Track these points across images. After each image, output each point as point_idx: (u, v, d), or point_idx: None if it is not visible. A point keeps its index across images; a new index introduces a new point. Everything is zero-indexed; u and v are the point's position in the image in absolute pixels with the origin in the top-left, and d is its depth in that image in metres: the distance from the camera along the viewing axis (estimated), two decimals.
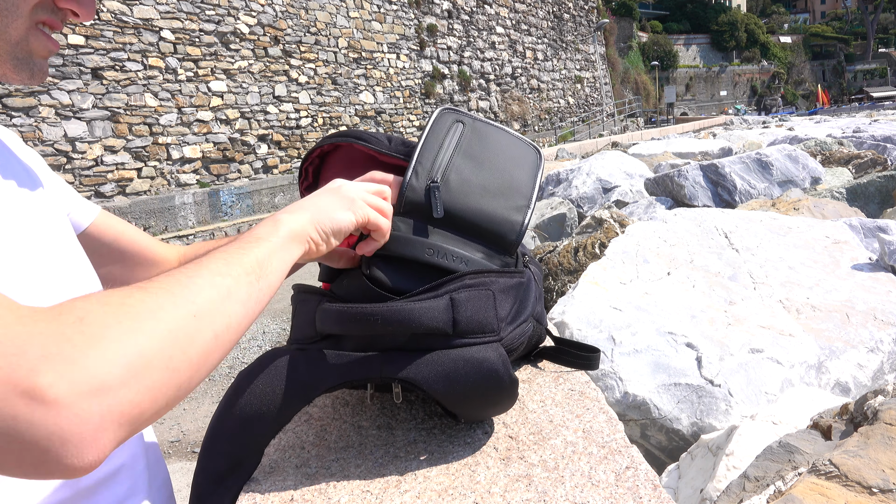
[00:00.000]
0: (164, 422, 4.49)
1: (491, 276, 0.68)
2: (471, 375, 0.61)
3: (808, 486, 1.07)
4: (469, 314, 0.64)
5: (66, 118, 8.93)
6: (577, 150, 12.99)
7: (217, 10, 11.20)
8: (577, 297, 2.43)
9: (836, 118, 23.47)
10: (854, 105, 49.87)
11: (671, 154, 8.92)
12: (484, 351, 0.63)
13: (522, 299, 0.73)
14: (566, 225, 5.34)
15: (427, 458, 0.65)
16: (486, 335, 0.64)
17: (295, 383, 0.62)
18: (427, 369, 0.61)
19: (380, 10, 15.29)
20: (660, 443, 1.93)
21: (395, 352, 0.62)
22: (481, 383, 0.61)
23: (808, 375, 1.99)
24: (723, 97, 50.64)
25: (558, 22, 23.96)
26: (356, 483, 0.62)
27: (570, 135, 22.32)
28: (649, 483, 0.57)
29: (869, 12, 61.59)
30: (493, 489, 0.58)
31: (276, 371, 0.63)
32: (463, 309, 0.63)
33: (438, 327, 0.62)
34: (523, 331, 0.73)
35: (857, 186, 4.87)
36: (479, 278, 0.67)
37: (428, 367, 0.61)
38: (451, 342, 0.62)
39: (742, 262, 2.68)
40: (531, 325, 0.75)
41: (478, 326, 0.64)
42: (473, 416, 0.67)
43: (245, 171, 11.45)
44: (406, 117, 15.80)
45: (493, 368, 0.62)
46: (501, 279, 0.70)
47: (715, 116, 35.00)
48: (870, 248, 2.91)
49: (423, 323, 0.61)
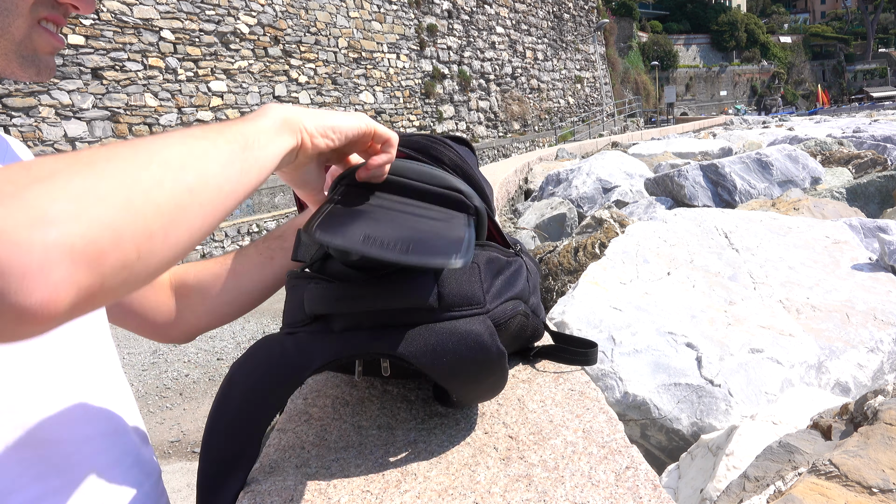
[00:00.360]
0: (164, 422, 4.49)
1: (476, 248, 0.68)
2: (458, 347, 0.61)
3: (808, 486, 1.07)
4: (454, 287, 0.63)
5: (66, 118, 8.94)
6: (577, 150, 12.99)
7: (217, 10, 11.20)
8: (577, 297, 2.43)
9: (836, 118, 23.48)
10: (854, 105, 49.90)
11: (671, 154, 8.92)
12: (470, 323, 0.63)
13: (511, 277, 0.73)
14: (566, 225, 5.34)
15: (427, 458, 0.65)
16: (472, 307, 0.64)
17: (285, 367, 0.61)
18: (414, 344, 0.61)
19: (380, 10, 15.30)
20: (660, 443, 1.93)
21: (383, 328, 0.62)
22: (468, 355, 0.61)
23: (808, 375, 2.00)
24: (723, 97, 50.66)
25: (558, 22, 23.97)
26: (356, 483, 0.62)
27: (570, 135, 22.32)
28: (649, 483, 0.57)
29: (869, 12, 61.59)
30: (493, 489, 0.58)
31: (266, 357, 0.63)
32: (447, 282, 0.63)
33: (424, 302, 0.62)
34: (514, 307, 0.72)
35: (857, 186, 4.87)
36: None
37: (415, 342, 0.61)
38: (437, 316, 0.62)
39: (742, 262, 2.68)
40: (522, 305, 0.75)
41: (463, 299, 0.64)
42: (465, 393, 0.66)
43: None
44: (406, 117, 15.80)
45: (479, 340, 0.62)
46: (485, 252, 0.70)
47: (715, 116, 35.01)
48: (870, 248, 2.91)
49: (410, 298, 0.61)
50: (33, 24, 0.59)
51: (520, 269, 0.77)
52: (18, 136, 8.36)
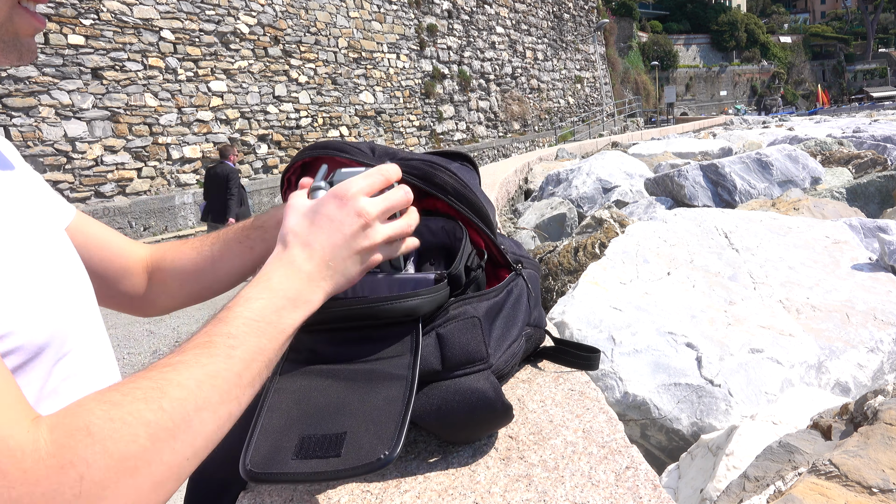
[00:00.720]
0: None
1: (471, 301, 0.67)
2: (463, 406, 0.61)
3: (808, 486, 1.07)
4: (457, 348, 0.63)
5: (66, 118, 8.94)
6: (577, 150, 12.99)
7: (217, 10, 11.20)
8: (577, 297, 2.43)
9: (836, 118, 23.48)
10: (854, 105, 49.90)
11: (671, 154, 8.92)
12: (474, 381, 0.62)
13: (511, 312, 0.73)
14: (566, 225, 5.34)
15: (427, 459, 0.65)
16: (475, 364, 0.63)
17: None
18: (419, 404, 0.61)
19: (380, 10, 15.30)
20: (660, 443, 1.93)
21: None
22: (474, 413, 0.61)
23: (808, 375, 1.99)
24: (723, 97, 50.66)
25: (558, 22, 23.97)
26: (356, 483, 0.62)
27: (570, 135, 22.32)
28: (649, 483, 0.57)
29: (869, 12, 61.59)
30: (493, 489, 0.58)
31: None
32: (450, 344, 0.63)
33: (430, 368, 0.62)
34: (514, 352, 0.72)
35: (857, 186, 4.87)
36: (461, 307, 0.66)
37: (420, 402, 0.61)
38: (441, 376, 0.62)
39: (742, 262, 2.68)
40: (522, 342, 0.75)
41: (466, 358, 0.63)
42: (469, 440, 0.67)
43: (245, 171, 11.45)
44: (406, 117, 15.80)
45: (484, 398, 0.61)
46: (484, 302, 0.69)
47: (715, 116, 35.01)
48: (870, 248, 2.91)
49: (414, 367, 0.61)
50: (13, 5, 0.57)
51: (520, 295, 0.76)
52: (18, 137, 8.36)
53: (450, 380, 0.62)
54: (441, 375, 0.62)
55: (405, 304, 0.62)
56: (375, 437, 0.54)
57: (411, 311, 0.62)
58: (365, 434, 0.54)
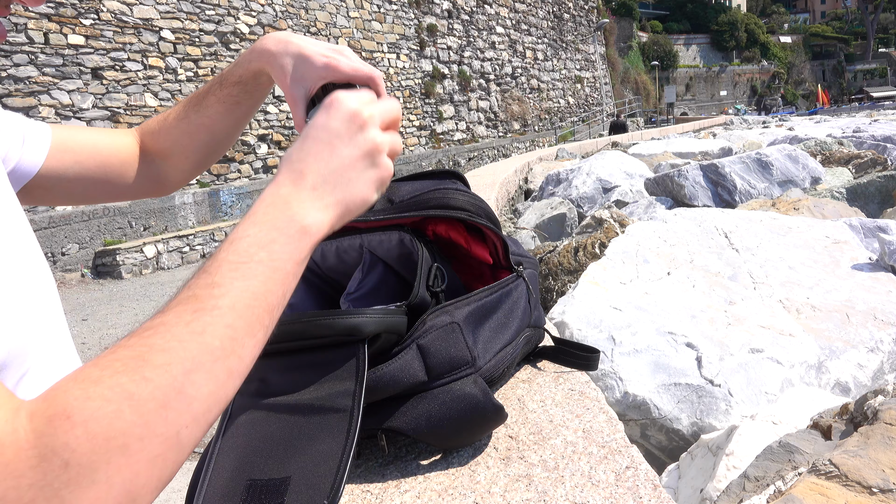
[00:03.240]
0: None
1: (449, 307, 0.67)
2: (453, 412, 0.61)
3: (808, 486, 1.07)
4: (440, 356, 0.63)
5: (66, 118, 8.93)
6: (577, 149, 12.98)
7: (217, 10, 11.20)
8: (577, 296, 2.43)
9: (836, 118, 23.47)
10: (854, 105, 49.88)
11: (671, 154, 8.91)
12: (462, 386, 0.62)
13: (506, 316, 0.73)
14: (566, 225, 5.34)
15: (427, 458, 0.65)
16: (461, 369, 0.63)
17: None
18: (409, 415, 0.61)
19: (380, 10, 15.30)
20: (660, 443, 1.93)
21: (375, 404, 0.62)
22: (464, 418, 0.61)
23: (808, 375, 1.99)
24: (723, 97, 50.65)
25: (558, 22, 23.97)
26: (356, 483, 0.62)
27: (570, 135, 22.32)
28: (649, 483, 0.57)
29: (869, 12, 61.58)
30: (493, 489, 0.58)
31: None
32: (432, 353, 0.63)
33: (415, 380, 0.61)
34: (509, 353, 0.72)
35: (857, 186, 4.87)
36: (439, 315, 0.66)
37: (409, 413, 0.61)
38: (428, 385, 0.62)
39: (742, 262, 2.68)
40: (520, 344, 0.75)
41: (451, 364, 0.63)
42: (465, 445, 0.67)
43: (245, 170, 11.45)
44: (406, 117, 15.80)
45: (473, 401, 0.61)
46: (467, 306, 0.68)
47: (715, 116, 34.98)
48: (870, 248, 2.91)
49: (402, 383, 0.61)
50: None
51: (519, 297, 0.76)
52: None
53: (437, 388, 0.62)
54: (427, 385, 0.62)
55: (346, 321, 0.58)
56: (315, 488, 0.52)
57: (353, 328, 0.58)
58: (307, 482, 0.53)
